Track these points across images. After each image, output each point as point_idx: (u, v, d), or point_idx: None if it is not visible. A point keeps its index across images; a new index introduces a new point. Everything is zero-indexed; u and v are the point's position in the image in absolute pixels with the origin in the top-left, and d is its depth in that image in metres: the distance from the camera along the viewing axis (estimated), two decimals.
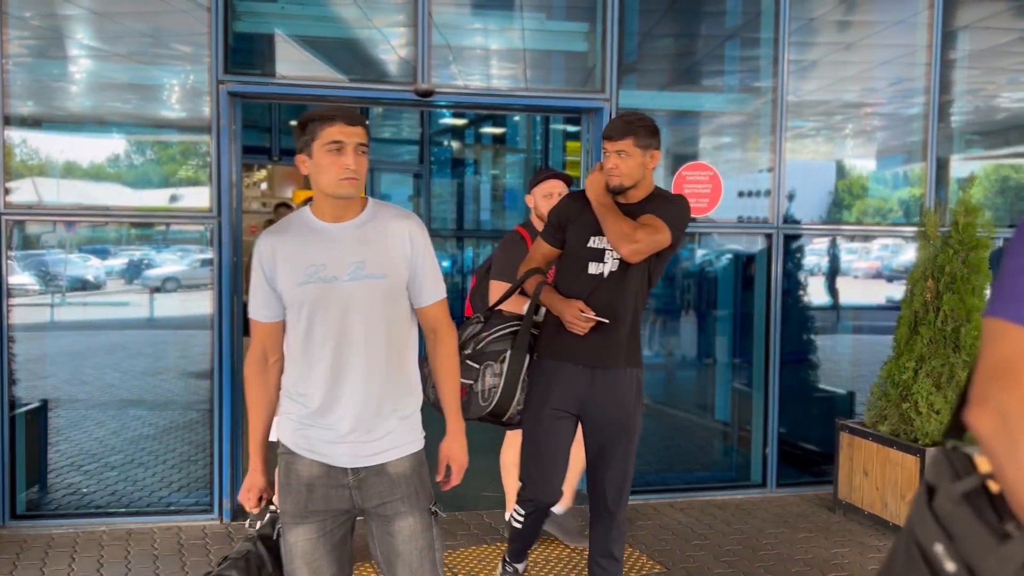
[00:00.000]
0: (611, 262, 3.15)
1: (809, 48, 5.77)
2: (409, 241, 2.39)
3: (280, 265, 2.36)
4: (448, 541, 4.48)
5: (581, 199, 3.24)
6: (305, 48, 5.11)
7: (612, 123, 3.19)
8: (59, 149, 5.14)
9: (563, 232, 3.24)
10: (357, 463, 2.37)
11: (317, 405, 2.35)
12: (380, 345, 2.36)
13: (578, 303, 3.10)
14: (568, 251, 3.25)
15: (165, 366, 7.14)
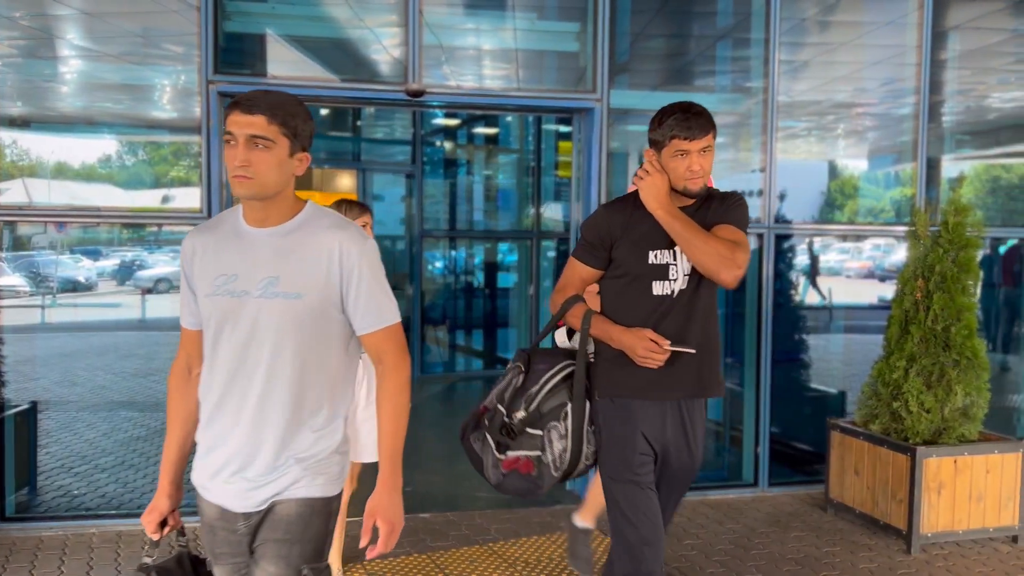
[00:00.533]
0: (680, 279, 2.69)
1: (800, 48, 5.78)
2: (338, 257, 2.03)
3: (197, 269, 2.10)
4: (439, 542, 4.48)
5: (626, 208, 2.75)
6: (296, 48, 5.10)
7: (687, 119, 2.67)
8: (49, 150, 5.13)
9: (608, 250, 2.73)
10: (248, 507, 2.07)
11: (209, 437, 2.10)
12: (285, 377, 2.02)
13: (647, 332, 2.62)
14: (620, 271, 2.74)
15: (156, 367, 7.12)
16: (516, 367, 2.76)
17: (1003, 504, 4.62)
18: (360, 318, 2.08)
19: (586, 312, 2.72)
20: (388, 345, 2.11)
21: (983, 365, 4.58)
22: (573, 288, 2.81)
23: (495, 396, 2.76)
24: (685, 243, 2.60)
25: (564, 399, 2.68)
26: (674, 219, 2.63)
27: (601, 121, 5.04)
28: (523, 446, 2.63)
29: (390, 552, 4.32)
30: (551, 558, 4.30)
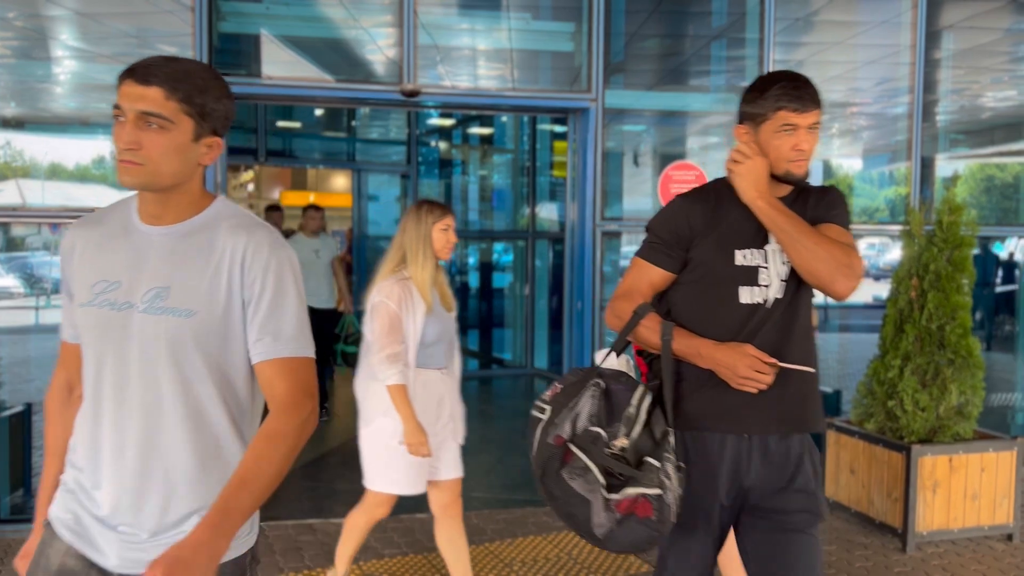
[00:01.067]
0: (775, 284, 2.21)
1: (794, 48, 5.80)
2: (240, 265, 1.63)
3: (76, 270, 1.70)
4: (435, 542, 4.47)
5: (708, 199, 2.27)
6: (290, 48, 5.10)
7: (798, 87, 2.21)
8: (43, 151, 5.12)
9: (685, 249, 2.25)
10: (126, 568, 1.65)
11: (86, 473, 1.69)
12: (177, 414, 1.63)
13: (747, 348, 2.13)
14: (698, 275, 2.25)
15: None
16: (595, 384, 2.17)
17: (998, 502, 4.63)
18: (253, 342, 1.65)
19: (664, 324, 2.21)
20: (280, 382, 1.65)
21: (978, 364, 4.60)
22: (640, 295, 2.29)
23: (586, 419, 2.13)
24: (792, 243, 2.14)
25: (664, 425, 2.15)
26: (779, 212, 2.16)
27: (596, 121, 5.04)
28: (641, 481, 2.06)
29: (387, 552, 4.33)
30: (547, 558, 4.30)
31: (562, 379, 2.24)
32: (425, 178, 9.81)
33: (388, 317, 3.27)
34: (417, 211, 3.43)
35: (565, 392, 2.18)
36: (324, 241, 7.10)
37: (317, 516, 4.86)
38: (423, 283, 3.34)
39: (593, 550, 4.40)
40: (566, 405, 2.15)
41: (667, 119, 6.06)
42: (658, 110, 5.92)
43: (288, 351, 1.67)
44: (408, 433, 3.28)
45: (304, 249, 6.89)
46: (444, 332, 3.45)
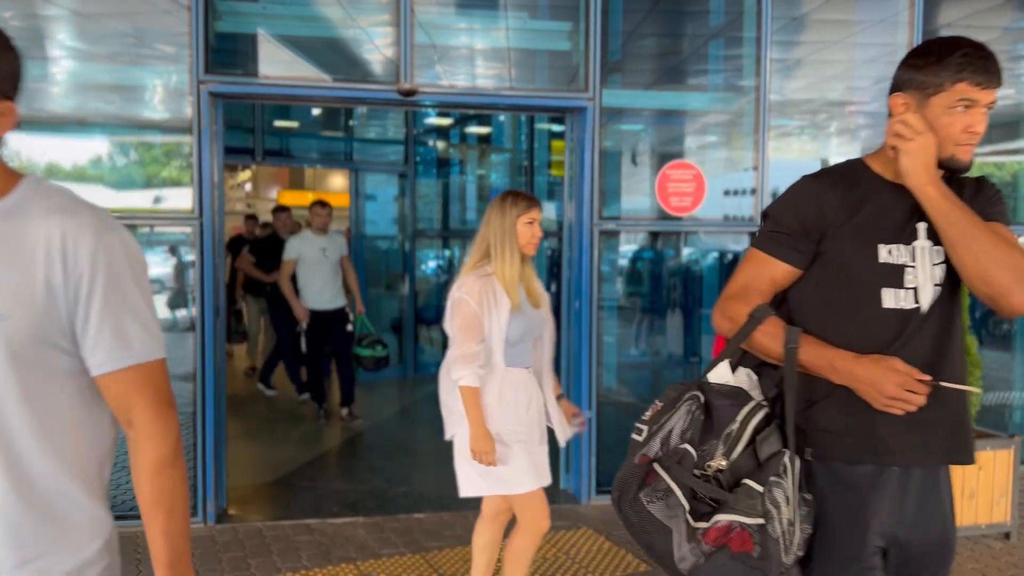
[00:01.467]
0: (926, 287, 1.85)
1: (792, 47, 5.79)
2: (60, 256, 1.33)
3: None
4: (433, 542, 4.48)
5: (844, 182, 1.92)
6: (287, 47, 5.09)
7: (984, 58, 1.85)
8: (40, 151, 5.10)
9: (816, 241, 1.89)
10: None
11: None
12: None
13: (895, 362, 1.78)
14: (832, 272, 1.89)
15: None
16: (693, 398, 1.85)
17: (995, 501, 4.63)
18: (91, 350, 1.36)
19: (789, 330, 1.83)
20: (137, 397, 1.40)
21: (975, 362, 4.59)
22: (759, 295, 1.92)
23: (677, 436, 1.82)
24: (965, 242, 1.78)
25: (779, 445, 1.81)
26: (952, 204, 1.79)
27: (593, 120, 5.04)
28: (737, 508, 1.73)
29: (384, 551, 4.33)
30: (545, 557, 4.30)
31: (663, 395, 1.94)
32: (423, 178, 9.80)
33: (466, 315, 3.10)
34: (501, 203, 3.22)
35: (663, 409, 1.88)
36: (332, 239, 6.90)
37: (315, 516, 4.86)
38: (508, 279, 3.16)
39: (591, 548, 4.40)
40: (659, 422, 1.86)
41: (665, 118, 6.06)
42: (656, 109, 5.92)
43: (138, 356, 1.39)
44: (474, 439, 3.08)
45: (310, 247, 6.74)
46: (530, 330, 3.25)
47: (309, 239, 6.77)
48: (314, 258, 6.72)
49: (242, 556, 4.27)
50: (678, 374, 6.46)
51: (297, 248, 6.78)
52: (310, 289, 6.75)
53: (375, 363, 6.66)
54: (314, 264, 6.73)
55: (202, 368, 4.68)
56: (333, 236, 6.98)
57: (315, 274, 6.75)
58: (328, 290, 6.79)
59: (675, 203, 5.26)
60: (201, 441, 4.71)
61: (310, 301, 6.76)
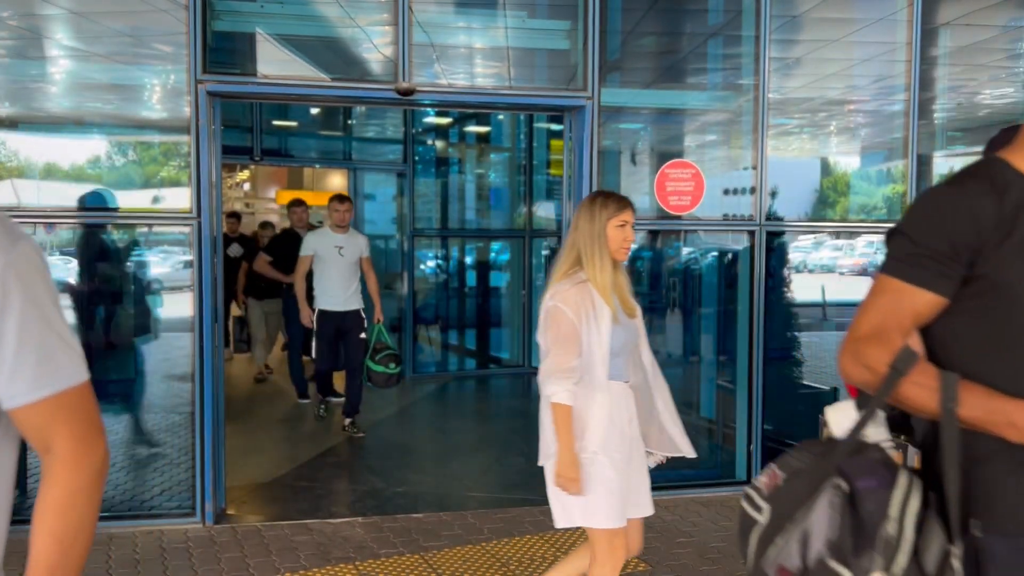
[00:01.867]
0: None
1: (791, 46, 5.79)
2: None
3: None
4: (432, 542, 4.47)
5: (996, 187, 1.52)
6: (285, 47, 5.08)
7: None
8: (38, 151, 5.10)
9: (967, 264, 1.52)
10: None
11: None
12: None
13: None
14: (989, 299, 1.53)
15: (148, 370, 7.09)
16: (834, 487, 1.45)
17: None
18: (9, 379, 1.21)
19: (946, 378, 1.47)
20: (65, 426, 1.26)
21: None
22: (900, 334, 1.53)
23: (822, 545, 1.42)
24: None
25: (942, 539, 1.45)
26: None
27: (592, 119, 5.03)
28: None
29: (383, 551, 4.32)
30: (544, 557, 4.29)
31: (783, 462, 1.56)
32: (422, 177, 9.79)
33: (563, 325, 2.85)
34: (591, 205, 2.98)
35: (790, 490, 1.50)
36: (351, 238, 6.54)
37: (313, 516, 4.85)
38: (602, 287, 2.92)
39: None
40: (791, 516, 1.46)
41: (663, 117, 6.06)
42: (654, 108, 5.91)
43: (67, 380, 1.24)
44: (563, 464, 2.82)
45: (326, 244, 6.43)
46: (628, 341, 3.01)
47: (326, 235, 6.50)
48: (329, 256, 6.42)
49: (240, 556, 4.26)
50: (678, 373, 6.45)
51: (313, 245, 6.49)
52: (321, 289, 6.50)
53: (386, 380, 6.28)
54: (329, 263, 6.44)
55: (200, 369, 4.67)
56: (353, 235, 6.61)
57: (329, 273, 6.45)
58: (342, 291, 6.47)
59: (674, 202, 5.26)
60: (199, 441, 4.70)
61: (322, 302, 6.50)
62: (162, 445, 5.59)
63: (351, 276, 6.51)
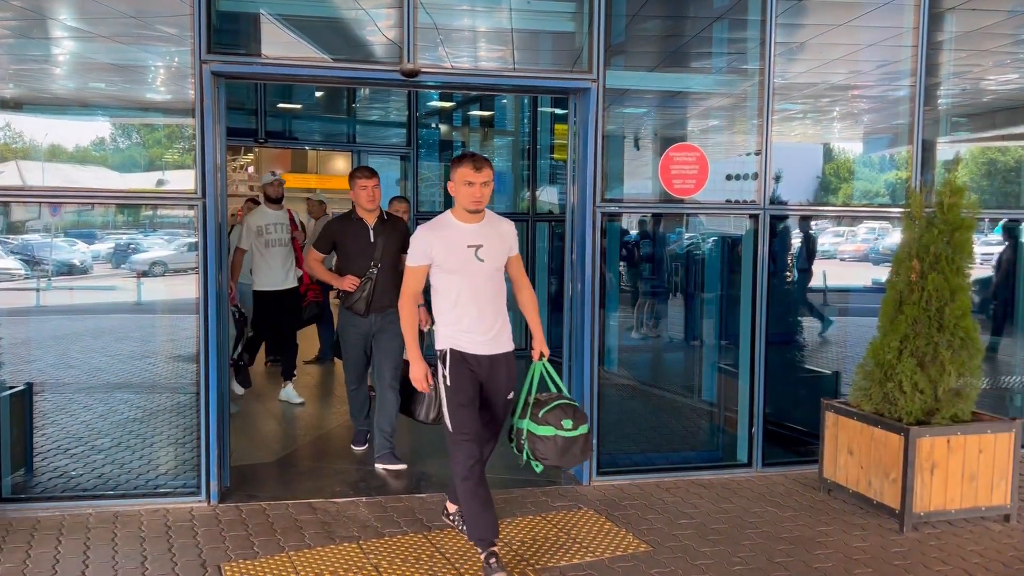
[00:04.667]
0: None
1: (796, 30, 5.76)
2: None
3: None
4: (436, 521, 4.50)
5: None
6: (289, 28, 5.07)
7: None
8: (43, 132, 5.10)
9: None
10: None
11: None
12: None
13: None
14: None
15: (152, 350, 7.12)
16: None
17: (995, 483, 4.65)
18: None
19: None
20: None
21: (976, 345, 4.61)
22: None
23: None
24: None
25: None
26: None
27: (597, 102, 5.03)
28: None
29: (387, 531, 4.36)
30: (546, 537, 4.32)
31: None
32: (425, 160, 9.78)
33: None
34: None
35: None
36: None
37: (318, 495, 4.89)
38: None
39: (592, 529, 4.43)
40: None
41: (668, 100, 6.04)
42: (659, 91, 5.90)
43: None
44: None
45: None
46: None
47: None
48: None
49: (245, 535, 4.30)
50: (679, 357, 6.48)
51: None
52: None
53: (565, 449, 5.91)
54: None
55: (205, 349, 4.70)
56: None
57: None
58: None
59: (678, 185, 5.26)
60: (204, 421, 4.73)
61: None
62: (168, 425, 5.64)
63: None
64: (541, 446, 3.72)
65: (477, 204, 3.78)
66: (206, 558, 4.01)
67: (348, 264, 5.40)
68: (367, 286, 5.30)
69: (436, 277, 3.84)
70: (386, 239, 5.36)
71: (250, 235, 6.84)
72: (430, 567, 3.94)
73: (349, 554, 4.06)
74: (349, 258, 5.39)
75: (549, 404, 3.79)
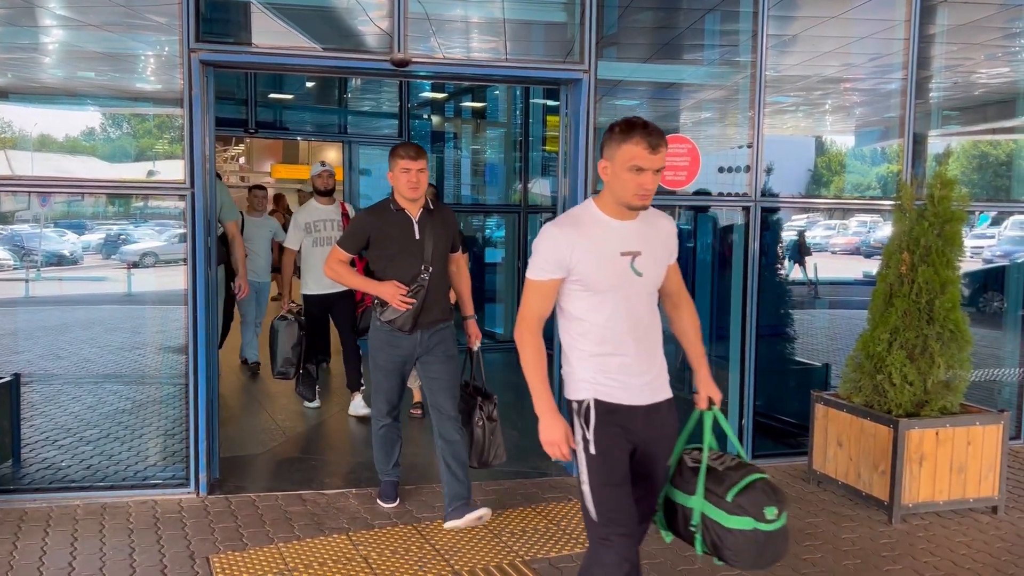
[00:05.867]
0: None
1: (788, 22, 5.75)
2: None
3: None
4: (425, 513, 4.50)
5: None
6: (279, 17, 5.04)
7: None
8: (32, 121, 5.07)
9: None
10: None
11: None
12: None
13: None
14: None
15: (142, 341, 7.10)
16: None
17: (983, 475, 4.67)
18: None
19: None
20: None
21: (966, 338, 4.62)
22: None
23: None
24: None
25: None
26: None
27: (588, 93, 5.01)
28: None
29: (376, 522, 4.35)
30: (536, 528, 4.33)
31: None
32: None
33: None
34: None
35: None
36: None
37: (307, 487, 4.88)
38: None
39: (582, 521, 4.43)
40: None
41: (660, 92, 6.03)
42: (651, 82, 5.89)
43: None
44: None
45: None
46: None
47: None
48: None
49: (234, 527, 4.29)
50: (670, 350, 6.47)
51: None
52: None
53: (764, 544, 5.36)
54: None
55: (194, 340, 4.68)
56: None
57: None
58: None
59: (669, 177, 5.25)
60: (193, 412, 4.72)
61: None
62: (157, 416, 5.62)
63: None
64: (732, 542, 2.58)
65: (644, 199, 2.62)
66: (195, 550, 4.00)
67: (388, 268, 4.24)
68: (418, 295, 4.20)
69: (572, 297, 2.67)
70: (435, 235, 4.27)
71: (298, 232, 6.18)
72: (419, 558, 3.93)
73: (338, 546, 4.05)
74: (389, 260, 4.24)
75: (739, 481, 2.60)
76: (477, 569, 3.84)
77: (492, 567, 3.85)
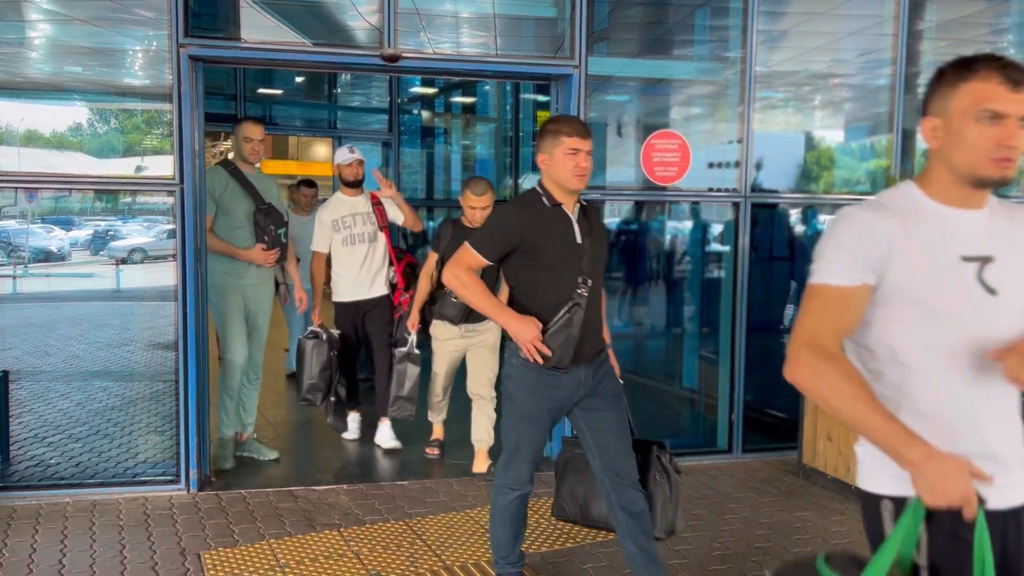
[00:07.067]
0: None
1: (778, 18, 5.76)
2: None
3: None
4: (417, 508, 4.50)
5: None
6: (269, 11, 5.01)
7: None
8: (19, 117, 5.03)
9: None
10: None
11: None
12: None
13: None
14: None
15: (131, 337, 7.08)
16: None
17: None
18: None
19: None
20: None
21: None
22: None
23: None
24: None
25: None
26: None
27: (579, 88, 5.01)
28: None
29: (368, 518, 4.35)
30: (527, 523, 4.33)
31: None
32: (407, 147, 9.74)
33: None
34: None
35: None
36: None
37: (298, 483, 4.87)
38: None
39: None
40: None
41: (650, 88, 6.03)
42: (641, 78, 5.89)
43: None
44: None
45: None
46: None
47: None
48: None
49: (225, 523, 4.28)
50: (660, 345, 6.49)
51: None
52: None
53: None
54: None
55: (184, 336, 4.66)
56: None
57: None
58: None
59: (660, 173, 5.26)
60: (183, 409, 4.70)
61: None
62: (147, 413, 5.60)
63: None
64: None
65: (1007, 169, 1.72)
66: (185, 546, 3.99)
67: (543, 283, 3.11)
68: (575, 318, 3.05)
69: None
70: (594, 241, 3.20)
71: (325, 232, 5.37)
72: (411, 554, 3.94)
73: (330, 542, 4.05)
74: (547, 272, 3.10)
75: None
76: (469, 564, 3.84)
77: (484, 562, 3.86)
